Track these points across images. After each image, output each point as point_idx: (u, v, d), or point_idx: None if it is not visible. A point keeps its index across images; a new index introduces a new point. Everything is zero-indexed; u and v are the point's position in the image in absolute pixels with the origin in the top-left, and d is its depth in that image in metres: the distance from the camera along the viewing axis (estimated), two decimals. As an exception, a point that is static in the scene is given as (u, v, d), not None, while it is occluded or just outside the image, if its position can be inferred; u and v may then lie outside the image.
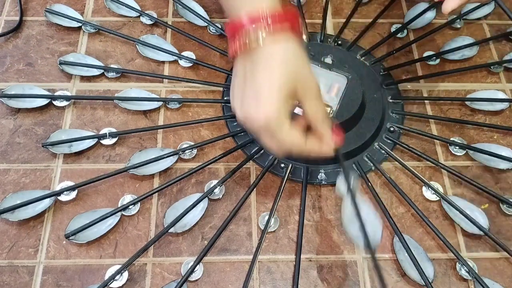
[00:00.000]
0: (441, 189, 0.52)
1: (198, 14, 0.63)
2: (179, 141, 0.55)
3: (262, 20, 0.38)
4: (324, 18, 0.64)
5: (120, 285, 0.46)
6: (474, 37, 0.64)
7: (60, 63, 0.58)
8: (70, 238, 0.47)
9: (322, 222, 0.50)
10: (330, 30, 0.65)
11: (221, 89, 0.59)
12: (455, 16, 0.65)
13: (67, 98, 0.56)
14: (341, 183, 0.43)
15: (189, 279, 0.46)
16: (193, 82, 0.59)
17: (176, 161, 0.53)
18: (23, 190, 0.50)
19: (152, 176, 0.52)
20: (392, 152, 0.54)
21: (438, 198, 0.52)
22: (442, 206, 0.51)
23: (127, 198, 0.50)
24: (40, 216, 0.49)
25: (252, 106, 0.40)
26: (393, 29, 0.65)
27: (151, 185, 0.52)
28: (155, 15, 0.64)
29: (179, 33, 0.62)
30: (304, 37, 0.40)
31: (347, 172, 0.43)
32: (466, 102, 0.59)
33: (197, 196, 0.50)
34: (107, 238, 0.49)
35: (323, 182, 0.52)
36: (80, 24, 0.62)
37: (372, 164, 0.54)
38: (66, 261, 0.47)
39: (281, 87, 0.39)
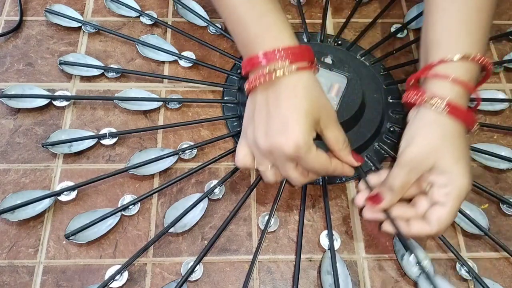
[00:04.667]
0: (441, 189, 0.52)
1: (198, 14, 0.63)
2: (179, 141, 0.55)
3: (282, 55, 0.41)
4: (324, 18, 0.64)
5: (120, 285, 0.46)
6: (474, 37, 0.64)
7: (60, 63, 0.58)
8: (70, 238, 0.47)
9: (322, 222, 0.50)
10: (330, 30, 0.65)
11: (221, 89, 0.59)
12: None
13: (67, 98, 0.56)
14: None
15: (189, 279, 0.46)
16: (193, 82, 0.59)
17: (176, 161, 0.53)
18: (23, 190, 0.50)
19: (152, 176, 0.52)
20: (392, 152, 0.54)
21: (438, 198, 0.52)
22: (442, 206, 0.51)
23: (127, 198, 0.50)
24: (40, 216, 0.49)
25: (280, 134, 0.40)
26: (393, 29, 0.65)
27: (151, 185, 0.52)
28: (155, 15, 0.64)
29: (179, 33, 0.62)
30: (318, 68, 0.46)
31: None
32: (466, 102, 0.59)
33: (197, 196, 0.50)
34: (107, 238, 0.49)
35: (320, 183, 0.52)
36: (80, 24, 0.62)
37: (372, 164, 0.54)
38: (66, 261, 0.47)
39: (307, 113, 0.41)
